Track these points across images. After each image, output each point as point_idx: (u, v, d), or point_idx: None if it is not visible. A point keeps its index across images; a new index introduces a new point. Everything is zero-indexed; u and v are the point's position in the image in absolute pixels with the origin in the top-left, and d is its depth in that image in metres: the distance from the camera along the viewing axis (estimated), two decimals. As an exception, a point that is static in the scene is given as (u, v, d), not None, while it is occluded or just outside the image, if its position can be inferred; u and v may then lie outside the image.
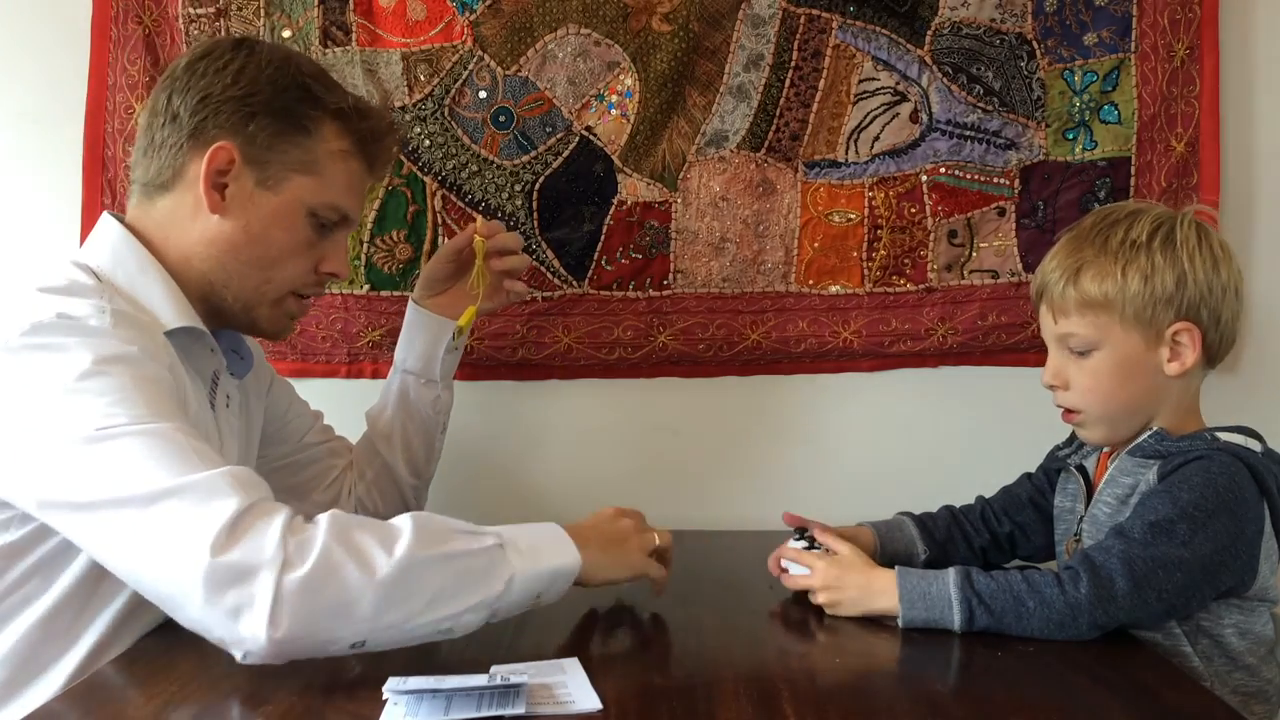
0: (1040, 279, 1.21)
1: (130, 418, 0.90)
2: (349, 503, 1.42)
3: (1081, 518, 1.23)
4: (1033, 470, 1.38)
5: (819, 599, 1.14)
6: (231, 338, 1.23)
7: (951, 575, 1.07)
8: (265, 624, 0.83)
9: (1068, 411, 1.20)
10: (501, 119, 1.63)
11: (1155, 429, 1.16)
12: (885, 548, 1.30)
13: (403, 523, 0.92)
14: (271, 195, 1.12)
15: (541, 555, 0.98)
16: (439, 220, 1.64)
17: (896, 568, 1.11)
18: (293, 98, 1.12)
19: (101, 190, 1.61)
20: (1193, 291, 1.13)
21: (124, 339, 0.96)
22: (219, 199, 1.11)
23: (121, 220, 1.13)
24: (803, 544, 1.21)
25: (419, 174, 1.63)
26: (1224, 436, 1.14)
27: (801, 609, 1.16)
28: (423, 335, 1.44)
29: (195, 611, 0.85)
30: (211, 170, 1.09)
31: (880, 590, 1.10)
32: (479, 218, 1.46)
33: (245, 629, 0.84)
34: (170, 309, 1.08)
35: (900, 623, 1.08)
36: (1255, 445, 1.14)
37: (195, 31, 1.60)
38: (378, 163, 1.22)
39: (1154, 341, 1.14)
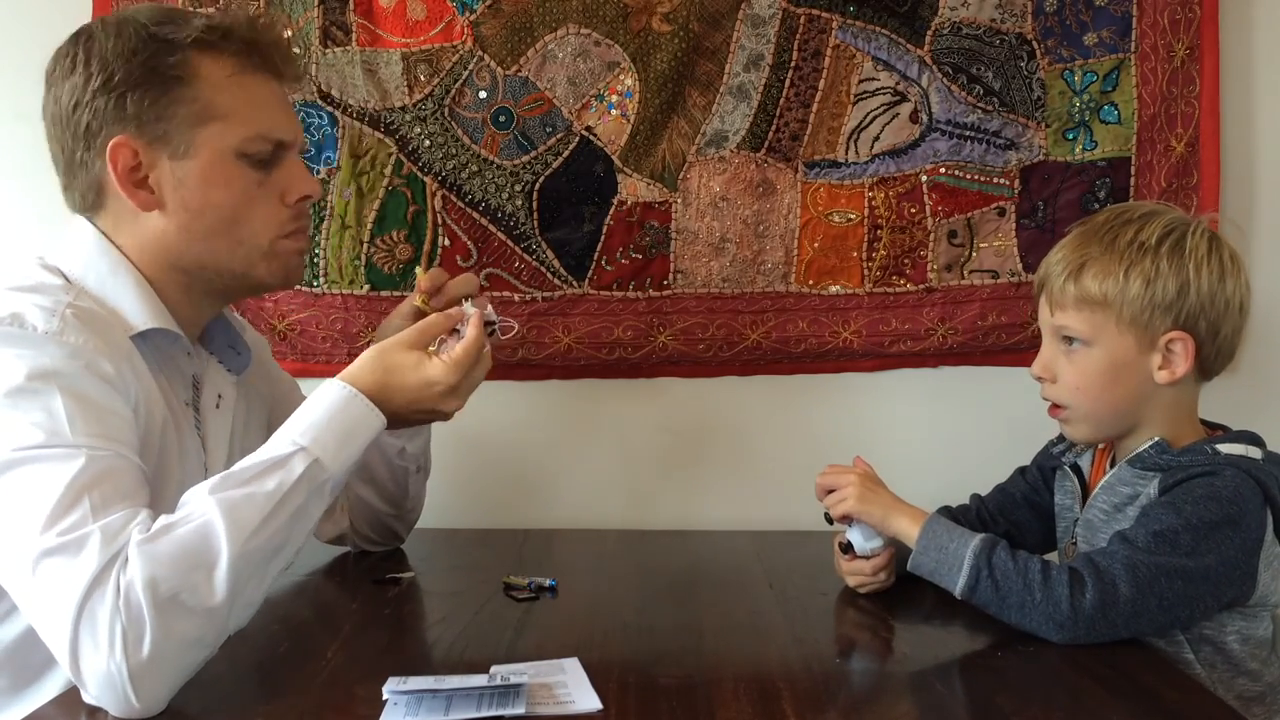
0: (1044, 270, 1.20)
1: (46, 440, 0.89)
2: (344, 517, 1.40)
3: (1077, 520, 1.23)
4: (1026, 465, 1.38)
5: (848, 492, 1.17)
6: (228, 334, 1.22)
7: (975, 540, 1.07)
8: (132, 699, 0.84)
9: (1054, 406, 1.20)
10: (501, 119, 1.63)
11: (1156, 439, 1.15)
12: (897, 549, 1.30)
13: (207, 514, 0.87)
14: (190, 161, 1.06)
15: (353, 441, 0.98)
16: (439, 220, 1.64)
17: (932, 514, 1.13)
18: (147, 54, 1.04)
19: (101, 190, 1.60)
20: (1194, 302, 1.12)
21: (69, 349, 0.95)
22: (148, 195, 1.06)
23: (96, 223, 1.10)
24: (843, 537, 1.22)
25: (419, 174, 1.63)
26: (1224, 448, 1.13)
27: (801, 609, 1.16)
28: None
29: (70, 672, 0.85)
30: (121, 172, 1.05)
31: (907, 517, 1.13)
32: (418, 271, 1.28)
33: (116, 708, 0.85)
34: (142, 311, 1.05)
35: (908, 565, 1.09)
36: (1256, 452, 1.14)
37: (195, 31, 1.60)
38: (274, 66, 1.11)
39: (1147, 347, 1.13)
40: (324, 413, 0.98)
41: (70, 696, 0.89)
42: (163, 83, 1.05)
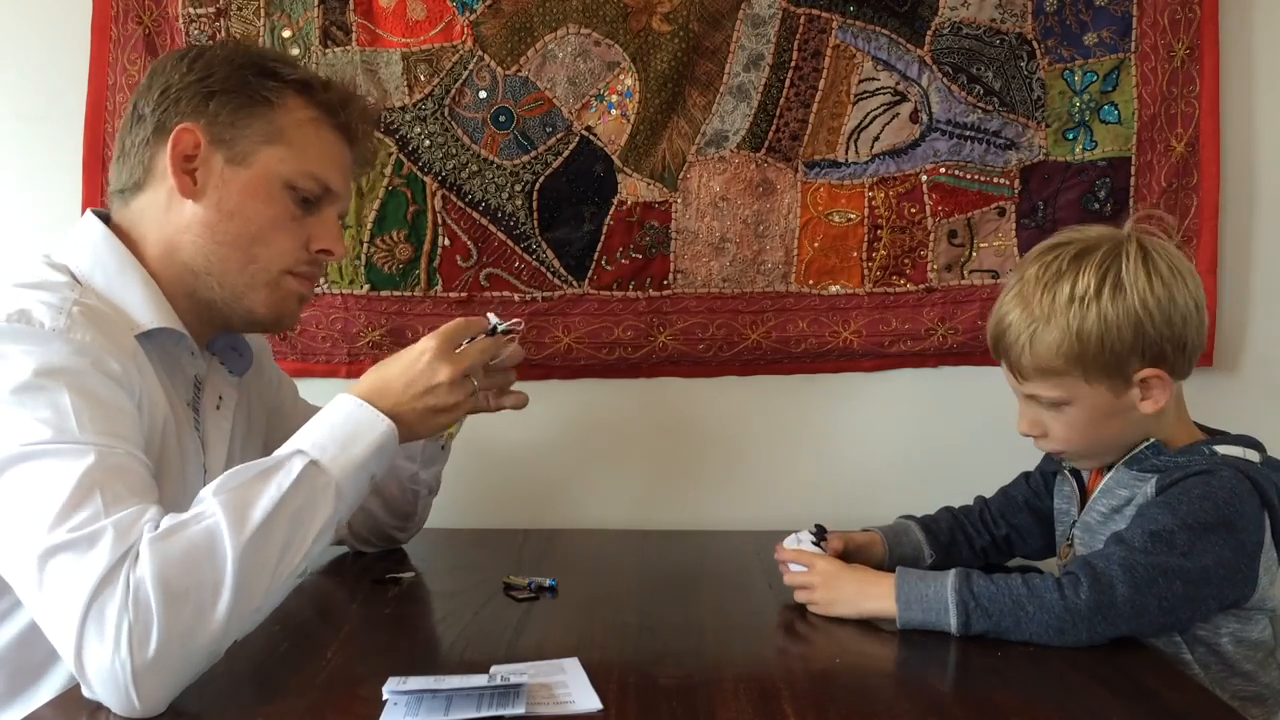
0: (994, 335, 1.18)
1: (54, 436, 0.89)
2: (341, 524, 1.39)
3: (1074, 523, 1.23)
4: (1030, 470, 1.38)
5: (814, 595, 1.14)
6: (230, 335, 1.22)
7: (950, 578, 1.07)
8: (134, 698, 0.83)
9: (1053, 452, 1.20)
10: (501, 119, 1.63)
11: (1152, 441, 1.15)
12: (893, 552, 1.29)
13: (213, 515, 0.88)
14: (242, 170, 1.10)
15: (355, 444, 0.98)
16: (439, 220, 1.64)
17: (898, 569, 1.11)
18: (250, 73, 1.11)
19: (101, 190, 1.60)
20: (1152, 334, 1.10)
21: (75, 346, 0.95)
22: (190, 183, 1.09)
23: (104, 218, 1.12)
24: (810, 539, 1.20)
25: (419, 174, 1.63)
26: (1222, 449, 1.13)
27: (801, 609, 1.16)
28: None
29: (73, 667, 0.85)
30: (178, 155, 1.08)
31: (878, 593, 1.09)
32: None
33: (117, 705, 0.84)
34: (148, 310, 1.06)
35: (898, 624, 1.07)
36: (1255, 455, 1.14)
37: (195, 31, 1.60)
38: (353, 133, 1.17)
39: (1122, 388, 1.12)
40: (324, 421, 1.00)
41: (69, 697, 0.89)
42: (250, 98, 1.10)
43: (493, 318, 1.14)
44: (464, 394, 1.07)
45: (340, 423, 0.99)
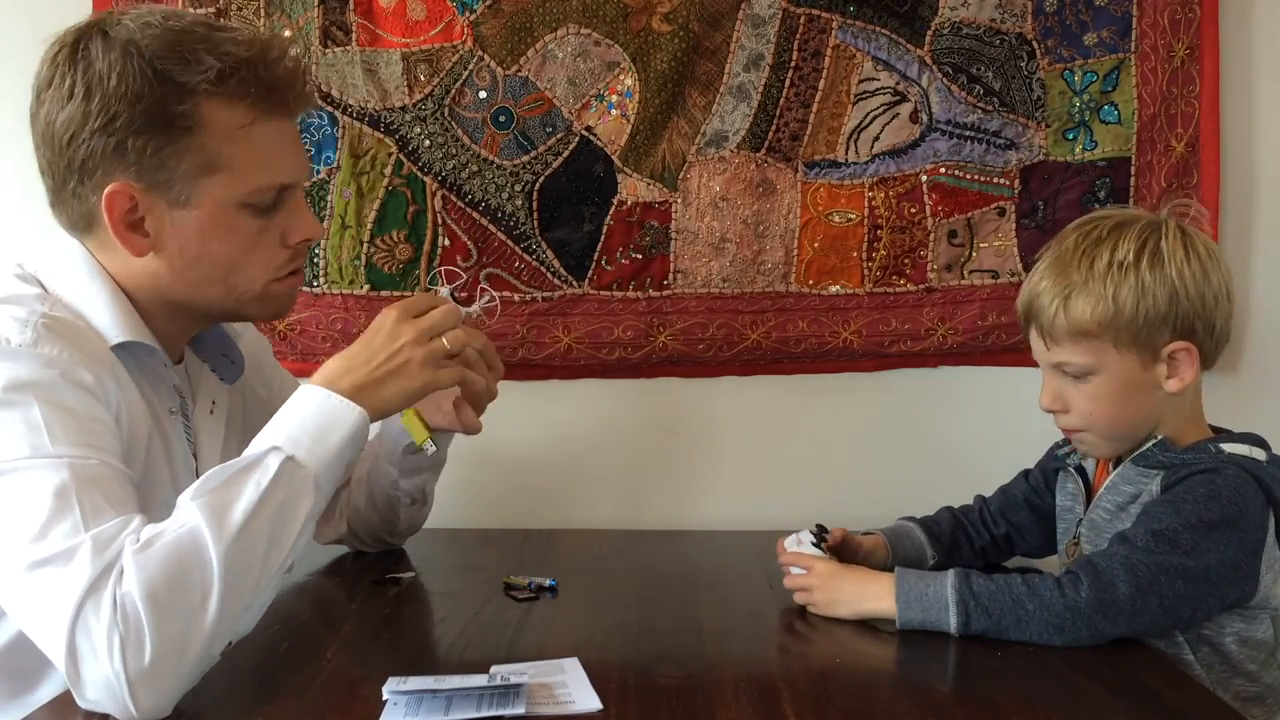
0: (1027, 301, 1.18)
1: (30, 452, 0.89)
2: (341, 523, 1.39)
3: (1080, 520, 1.23)
4: (1030, 468, 1.38)
5: (813, 597, 1.14)
6: (220, 342, 1.21)
7: (950, 577, 1.07)
8: (130, 707, 0.83)
9: (1071, 430, 1.19)
10: (501, 119, 1.63)
11: (1159, 438, 1.15)
12: (896, 555, 1.29)
13: (193, 520, 0.87)
14: (190, 211, 1.02)
15: (329, 435, 0.96)
16: (439, 220, 1.64)
17: (897, 569, 1.11)
18: (153, 100, 0.98)
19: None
20: (1186, 307, 1.11)
21: (43, 359, 0.93)
22: (142, 238, 1.02)
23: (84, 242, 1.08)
24: (810, 540, 1.20)
25: (419, 174, 1.63)
26: (1228, 447, 1.13)
27: (800, 609, 1.16)
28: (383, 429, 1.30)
29: (69, 680, 0.85)
30: (116, 217, 1.01)
31: (877, 592, 1.09)
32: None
33: (118, 713, 0.84)
34: (117, 323, 1.02)
35: (897, 624, 1.07)
36: (1260, 454, 1.14)
37: (195, 31, 1.60)
38: (288, 106, 1.06)
39: (1150, 361, 1.13)
40: (294, 414, 0.97)
41: (64, 701, 0.89)
42: (168, 131, 0.99)
43: (445, 291, 1.13)
44: (430, 353, 1.03)
45: (312, 414, 0.97)
